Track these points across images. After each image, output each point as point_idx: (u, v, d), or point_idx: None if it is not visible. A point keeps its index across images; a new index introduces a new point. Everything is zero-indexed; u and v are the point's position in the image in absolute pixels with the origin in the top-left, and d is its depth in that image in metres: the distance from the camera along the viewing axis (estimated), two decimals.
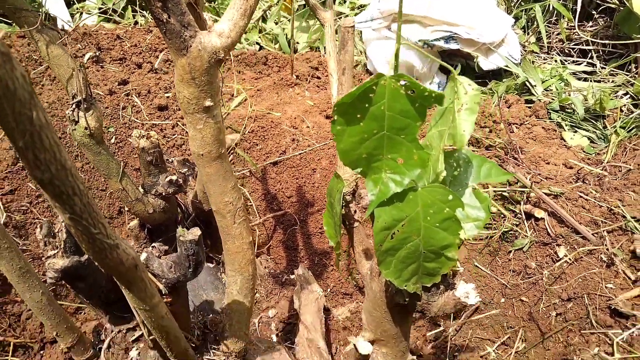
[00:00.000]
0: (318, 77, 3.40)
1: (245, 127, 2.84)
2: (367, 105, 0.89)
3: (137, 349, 1.53)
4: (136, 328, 1.57)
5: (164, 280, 1.12)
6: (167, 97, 2.97)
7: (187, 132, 2.85)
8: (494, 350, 2.07)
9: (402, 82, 0.86)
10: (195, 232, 1.08)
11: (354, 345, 1.02)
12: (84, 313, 2.33)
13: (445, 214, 0.96)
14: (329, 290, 2.50)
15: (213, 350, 1.42)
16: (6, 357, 2.13)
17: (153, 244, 1.15)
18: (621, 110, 2.62)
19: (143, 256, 1.09)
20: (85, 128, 1.50)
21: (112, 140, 2.75)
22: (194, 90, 1.09)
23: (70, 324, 1.50)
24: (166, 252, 1.18)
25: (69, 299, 2.32)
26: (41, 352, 2.25)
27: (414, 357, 1.43)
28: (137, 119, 2.82)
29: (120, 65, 3.26)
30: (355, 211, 1.33)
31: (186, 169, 1.96)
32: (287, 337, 1.91)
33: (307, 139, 2.80)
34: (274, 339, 1.91)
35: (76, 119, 1.50)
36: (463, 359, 2.09)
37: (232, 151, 2.80)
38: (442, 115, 1.06)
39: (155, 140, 1.66)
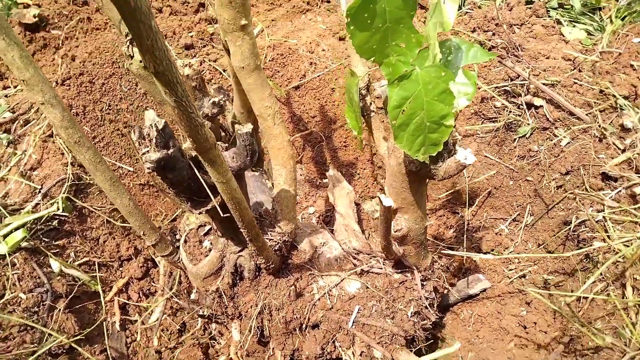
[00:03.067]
0: (328, 1, 3.57)
1: (265, 57, 3.09)
2: (371, 5, 1.15)
3: (209, 240, 1.89)
4: (206, 224, 1.93)
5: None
6: (191, 36, 3.22)
7: (213, 68, 3.12)
8: (506, 227, 2.39)
9: None
10: (249, 126, 1.38)
11: (378, 197, 1.32)
12: None
13: (441, 88, 1.24)
14: (357, 196, 2.82)
15: (270, 232, 1.76)
16: (94, 274, 2.53)
17: (217, 142, 1.46)
18: (617, 1, 2.76)
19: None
20: (140, 61, 1.79)
21: None
22: (231, 12, 1.36)
23: (152, 225, 1.86)
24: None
25: None
26: (121, 268, 2.67)
27: (431, 222, 1.76)
28: (183, 60, 3.09)
29: None
30: (370, 103, 1.60)
31: (222, 95, 2.25)
32: (327, 227, 2.26)
33: (324, 61, 3.04)
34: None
35: (131, 54, 1.78)
36: (480, 237, 2.41)
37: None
38: (434, 10, 1.31)
39: (197, 68, 1.94)
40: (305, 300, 1.79)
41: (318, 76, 3.00)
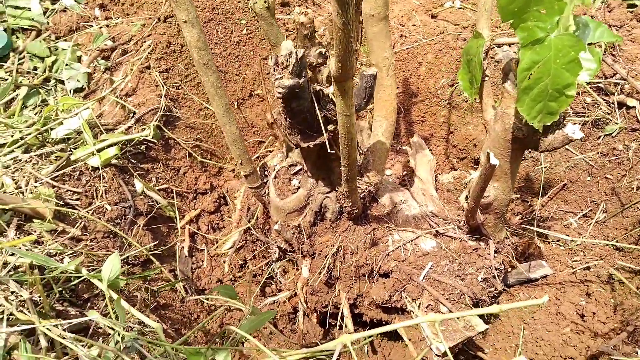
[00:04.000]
0: None
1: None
2: None
3: (297, 180, 2.00)
4: (297, 164, 2.04)
5: None
6: None
7: None
8: (575, 221, 2.42)
9: None
10: (374, 69, 1.47)
11: (487, 153, 1.39)
12: None
13: (571, 57, 1.29)
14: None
15: (358, 180, 1.86)
16: (171, 201, 2.69)
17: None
18: None
19: (332, 88, 1.50)
20: (265, 1, 1.90)
21: (244, 32, 3.16)
22: None
23: (250, 157, 1.98)
24: None
25: None
26: (194, 200, 2.83)
27: (516, 196, 1.81)
28: (300, 7, 3.20)
29: None
30: (486, 67, 1.66)
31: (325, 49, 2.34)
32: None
33: (414, 35, 3.09)
34: None
35: None
36: (547, 227, 2.45)
37: None
38: None
39: (312, 17, 2.03)
40: (379, 250, 1.89)
41: (407, 49, 3.05)
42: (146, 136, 2.59)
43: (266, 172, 2.10)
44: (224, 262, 2.45)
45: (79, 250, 2.03)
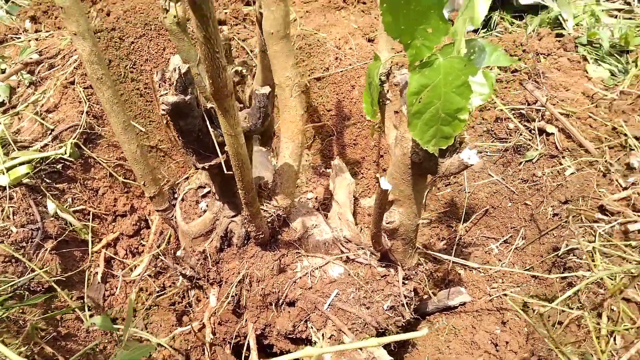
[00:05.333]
0: (364, 3, 3.62)
1: (293, 44, 3.13)
2: None
3: (205, 202, 1.92)
4: (205, 186, 1.96)
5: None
6: (225, 13, 3.27)
7: (241, 47, 3.17)
8: (496, 247, 2.40)
9: None
10: (267, 88, 1.42)
11: (378, 177, 1.34)
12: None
13: (461, 81, 1.26)
14: (358, 195, 2.85)
15: (266, 204, 1.79)
16: (87, 223, 2.56)
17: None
18: None
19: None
20: (174, 16, 1.84)
21: None
22: None
23: (155, 177, 1.89)
24: None
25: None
26: (114, 222, 2.70)
27: (425, 219, 1.78)
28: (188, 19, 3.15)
29: None
30: (387, 90, 1.63)
31: (245, 69, 2.29)
32: (323, 214, 2.29)
33: (349, 59, 3.08)
34: None
35: (167, 8, 1.83)
36: (468, 252, 2.43)
37: None
38: (466, 6, 1.33)
39: (227, 34, 1.98)
40: (287, 277, 1.81)
41: (341, 72, 3.03)
42: (62, 154, 2.47)
43: (176, 194, 2.01)
44: (133, 289, 2.32)
45: None
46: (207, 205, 1.88)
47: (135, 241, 2.69)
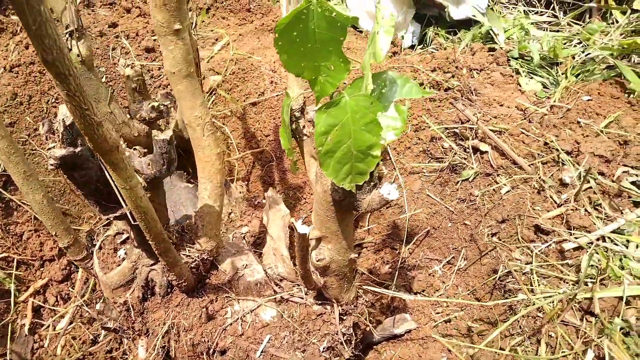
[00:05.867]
0: None
1: (226, 69, 3.04)
2: (301, 25, 1.12)
3: (124, 249, 1.79)
4: (124, 232, 1.83)
5: (143, 175, 1.37)
6: (155, 39, 3.15)
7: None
8: (440, 269, 2.36)
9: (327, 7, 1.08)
10: (168, 133, 1.32)
11: (293, 223, 1.27)
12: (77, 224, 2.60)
13: (369, 118, 1.20)
14: (301, 221, 2.76)
15: (189, 248, 1.68)
16: (10, 271, 2.38)
17: (134, 147, 1.39)
18: (573, 58, 2.83)
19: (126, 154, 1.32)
20: (78, 55, 1.71)
21: (103, 79, 2.95)
22: (165, 14, 1.31)
23: (67, 226, 1.75)
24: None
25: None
26: (41, 268, 2.52)
27: (356, 255, 1.71)
28: (125, 59, 3.01)
29: (110, 10, 3.43)
30: (304, 126, 1.56)
31: (169, 102, 2.18)
32: (257, 249, 2.19)
33: (285, 82, 3.00)
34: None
35: (69, 47, 1.71)
36: (413, 276, 2.37)
37: (214, 92, 3.01)
38: (372, 40, 1.28)
39: (139, 69, 1.87)
40: (216, 324, 1.70)
41: (277, 96, 2.95)
42: None
43: (94, 241, 1.88)
44: (58, 344, 2.16)
45: None
46: (125, 253, 1.76)
47: (65, 286, 2.52)
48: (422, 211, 2.44)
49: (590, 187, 2.06)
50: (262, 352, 1.63)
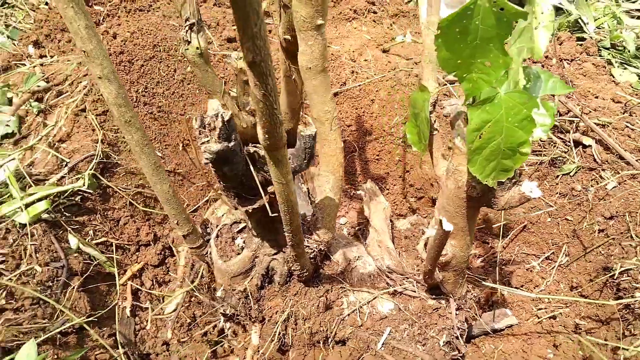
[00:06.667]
0: (375, 12, 3.53)
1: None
2: (464, 21, 1.10)
3: (241, 238, 1.83)
4: (241, 221, 1.87)
5: None
6: (235, 29, 3.18)
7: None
8: (538, 264, 2.32)
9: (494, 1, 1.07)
10: (312, 129, 1.33)
11: (440, 220, 1.26)
12: None
13: (523, 115, 1.19)
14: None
15: (307, 239, 1.71)
16: (110, 255, 2.47)
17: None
18: None
19: None
20: (197, 48, 1.74)
21: (188, 69, 3.00)
22: (310, 10, 1.31)
23: (187, 216, 1.81)
24: None
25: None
26: (137, 253, 2.61)
27: (476, 251, 1.70)
28: (209, 49, 3.05)
29: None
30: (434, 120, 1.55)
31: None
32: (357, 241, 2.20)
33: (366, 72, 2.99)
34: None
35: (189, 40, 1.74)
36: (509, 270, 2.35)
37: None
38: (520, 34, 1.26)
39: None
40: (333, 314, 1.73)
41: (359, 86, 2.95)
42: (80, 187, 2.38)
43: (208, 229, 1.93)
44: (166, 326, 2.23)
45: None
46: (244, 242, 1.80)
47: (160, 271, 2.60)
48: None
49: None
50: (383, 343, 1.65)
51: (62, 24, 3.13)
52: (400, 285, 1.78)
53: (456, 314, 1.76)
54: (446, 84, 2.52)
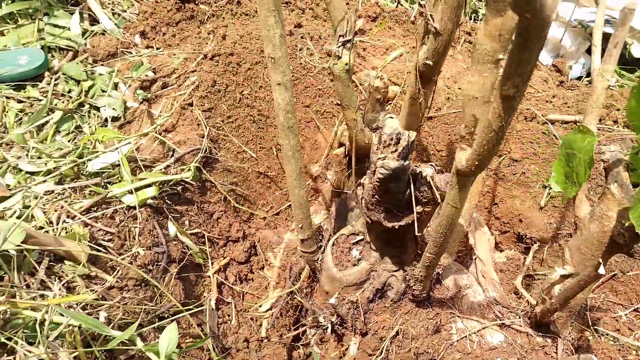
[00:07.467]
0: (470, 42, 3.58)
1: (405, 81, 3.11)
2: None
3: (357, 250, 1.88)
4: (359, 234, 1.93)
5: (439, 192, 1.44)
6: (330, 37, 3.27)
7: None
8: (625, 315, 2.32)
9: None
10: None
11: (599, 262, 1.30)
12: None
13: None
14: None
15: None
16: (202, 247, 2.55)
17: (430, 163, 1.46)
18: None
19: (430, 171, 1.41)
20: (345, 64, 1.82)
21: (292, 77, 3.09)
22: (496, 45, 1.36)
23: (311, 222, 1.87)
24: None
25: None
26: (224, 247, 2.68)
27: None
28: (310, 61, 3.14)
29: (286, 8, 3.58)
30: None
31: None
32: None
33: (461, 99, 3.04)
34: None
35: (340, 55, 1.82)
36: (596, 317, 2.35)
37: (392, 102, 3.09)
38: None
39: (388, 82, 1.96)
40: (442, 338, 1.77)
41: (453, 113, 3.00)
42: (186, 178, 2.47)
43: (320, 237, 1.99)
44: (260, 325, 2.29)
45: (115, 304, 1.87)
46: (360, 254, 1.85)
47: (245, 268, 2.67)
48: None
49: None
50: None
51: (169, 18, 3.25)
52: (508, 319, 1.81)
53: (561, 355, 1.78)
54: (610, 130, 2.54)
